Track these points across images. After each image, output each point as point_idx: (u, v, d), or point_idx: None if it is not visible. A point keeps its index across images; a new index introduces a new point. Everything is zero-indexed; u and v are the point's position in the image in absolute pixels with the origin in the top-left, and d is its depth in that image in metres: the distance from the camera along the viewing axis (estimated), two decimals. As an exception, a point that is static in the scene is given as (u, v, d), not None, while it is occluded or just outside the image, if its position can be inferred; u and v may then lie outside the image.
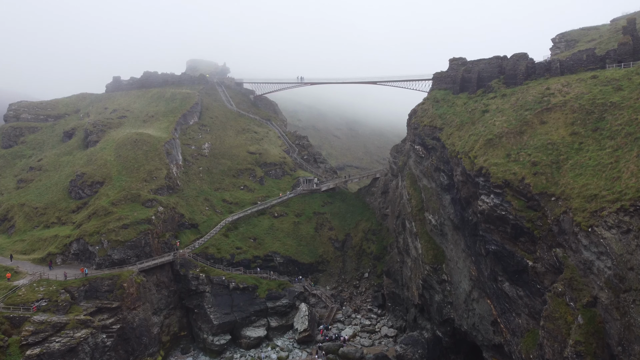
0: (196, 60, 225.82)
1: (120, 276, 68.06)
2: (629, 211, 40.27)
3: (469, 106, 75.82)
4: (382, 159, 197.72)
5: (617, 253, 40.44)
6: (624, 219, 40.50)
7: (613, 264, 40.84)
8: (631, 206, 40.27)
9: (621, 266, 40.00)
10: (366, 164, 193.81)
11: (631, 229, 39.77)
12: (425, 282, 73.25)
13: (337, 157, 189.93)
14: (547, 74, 70.42)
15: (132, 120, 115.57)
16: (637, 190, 40.77)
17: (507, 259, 56.07)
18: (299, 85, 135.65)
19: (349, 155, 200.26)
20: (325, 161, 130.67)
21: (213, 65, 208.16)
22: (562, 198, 49.27)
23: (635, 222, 39.64)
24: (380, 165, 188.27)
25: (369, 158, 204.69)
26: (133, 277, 69.18)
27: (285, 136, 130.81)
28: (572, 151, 53.80)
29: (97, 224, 75.46)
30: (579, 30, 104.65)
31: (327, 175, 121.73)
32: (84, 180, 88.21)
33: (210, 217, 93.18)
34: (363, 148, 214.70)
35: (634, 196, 40.66)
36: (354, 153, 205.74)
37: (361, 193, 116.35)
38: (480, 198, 58.67)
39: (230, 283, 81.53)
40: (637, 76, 57.61)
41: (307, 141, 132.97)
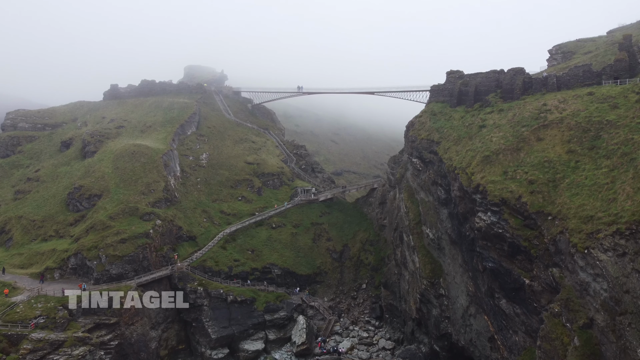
0: (194, 66, 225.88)
1: (118, 291, 68.01)
2: (625, 234, 40.58)
3: (466, 120, 76.18)
4: (380, 164, 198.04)
5: (613, 276, 40.75)
6: (619, 242, 40.82)
7: (609, 286, 41.14)
8: (627, 229, 40.57)
9: (617, 289, 40.30)
10: (364, 169, 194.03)
11: (627, 252, 40.11)
12: (423, 297, 73.45)
13: (335, 162, 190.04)
14: (544, 89, 70.84)
15: (129, 130, 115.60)
16: (633, 214, 41.07)
17: (504, 276, 56.35)
18: (298, 94, 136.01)
19: (346, 161, 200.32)
20: (323, 171, 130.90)
21: (211, 72, 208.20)
22: (558, 218, 49.57)
23: (631, 245, 39.98)
24: (378, 171, 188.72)
25: (367, 163, 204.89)
26: (131, 292, 69.11)
27: (283, 145, 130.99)
28: (569, 170, 54.09)
29: (95, 238, 75.47)
30: (575, 41, 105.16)
31: (324, 184, 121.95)
32: (81, 193, 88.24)
33: (208, 229, 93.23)
34: (361, 153, 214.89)
35: (629, 219, 40.95)
36: (351, 158, 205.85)
37: (359, 203, 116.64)
38: (478, 215, 58.96)
39: (228, 296, 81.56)
40: (633, 94, 57.99)
41: (304, 150, 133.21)
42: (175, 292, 77.57)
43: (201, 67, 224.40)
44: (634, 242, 39.79)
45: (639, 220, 40.09)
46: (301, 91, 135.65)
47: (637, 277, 38.90)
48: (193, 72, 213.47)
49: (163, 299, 76.41)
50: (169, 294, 76.72)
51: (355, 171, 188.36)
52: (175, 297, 76.75)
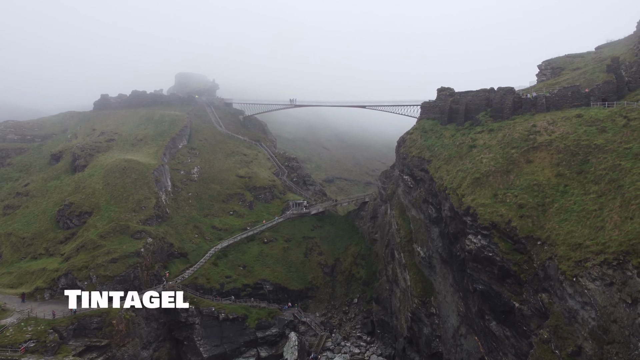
0: (185, 74, 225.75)
1: (109, 313, 67.73)
2: (612, 265, 41.17)
3: (456, 139, 76.78)
4: (372, 170, 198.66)
5: (601, 305, 41.35)
6: (607, 272, 41.42)
7: (597, 315, 41.72)
8: (614, 260, 41.17)
9: (605, 318, 40.90)
10: (355, 175, 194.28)
11: (614, 282, 40.72)
12: (414, 315, 73.79)
13: (327, 169, 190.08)
14: (533, 110, 71.60)
15: (120, 143, 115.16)
16: (620, 244, 41.68)
17: (494, 298, 56.85)
18: (289, 107, 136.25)
19: (338, 168, 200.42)
20: (314, 183, 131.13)
21: (202, 81, 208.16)
22: (547, 243, 50.14)
23: (618, 275, 40.59)
24: (369, 177, 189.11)
25: (358, 170, 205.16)
26: (122, 313, 68.86)
27: (274, 157, 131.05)
28: (558, 194, 54.73)
29: (85, 258, 75.03)
30: (564, 57, 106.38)
31: (316, 197, 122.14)
32: (72, 210, 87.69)
33: (199, 245, 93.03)
34: (352, 160, 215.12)
35: (617, 250, 41.55)
36: (343, 165, 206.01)
37: (350, 216, 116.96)
38: (468, 237, 59.45)
39: (220, 314, 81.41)
40: (621, 118, 58.88)
41: (296, 163, 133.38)
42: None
43: (192, 75, 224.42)
44: (621, 273, 40.40)
45: (626, 251, 40.68)
46: (293, 104, 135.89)
47: (624, 307, 39.51)
48: (184, 80, 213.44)
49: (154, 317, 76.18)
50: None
51: (346, 178, 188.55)
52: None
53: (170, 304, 75.03)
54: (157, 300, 73.98)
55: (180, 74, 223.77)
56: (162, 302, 74.47)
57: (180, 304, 75.90)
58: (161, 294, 75.33)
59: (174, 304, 75.15)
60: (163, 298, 74.61)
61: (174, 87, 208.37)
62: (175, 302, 75.21)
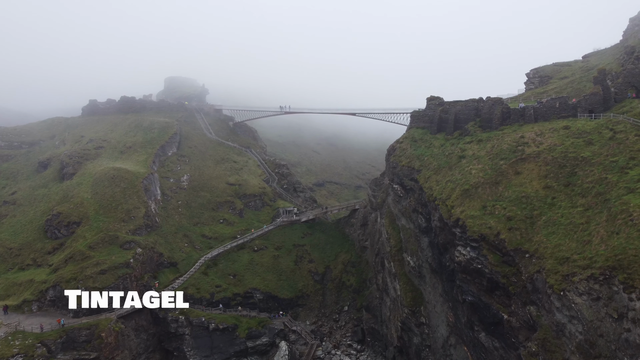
0: (174, 78, 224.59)
1: (98, 325, 67.29)
2: (599, 280, 41.75)
3: (446, 149, 77.31)
4: (362, 174, 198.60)
5: (588, 319, 41.91)
6: (594, 286, 41.99)
7: (584, 329, 42.28)
8: (601, 275, 41.76)
9: (592, 332, 41.46)
10: (346, 179, 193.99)
11: (601, 297, 41.30)
12: (404, 325, 74.12)
13: (317, 173, 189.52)
14: (522, 120, 72.29)
15: (109, 151, 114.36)
16: (607, 259, 42.26)
17: (483, 310, 57.31)
18: (279, 114, 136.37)
19: (328, 171, 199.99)
20: (305, 190, 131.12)
21: (192, 85, 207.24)
22: (535, 256, 50.69)
23: (605, 290, 41.17)
24: (360, 181, 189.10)
25: (349, 173, 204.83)
26: (111, 326, 68.43)
27: (264, 164, 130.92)
28: (545, 206, 55.33)
29: (74, 269, 74.44)
30: (552, 65, 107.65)
31: (306, 204, 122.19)
32: (60, 220, 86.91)
33: (189, 254, 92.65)
34: (343, 163, 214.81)
35: (603, 265, 42.14)
36: (333, 169, 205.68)
37: (341, 224, 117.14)
38: (457, 249, 59.87)
39: (210, 324, 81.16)
40: (607, 131, 59.73)
41: (286, 169, 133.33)
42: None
43: (182, 79, 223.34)
44: (608, 288, 40.98)
45: (612, 266, 41.27)
46: (283, 111, 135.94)
47: (611, 321, 40.09)
48: (174, 84, 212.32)
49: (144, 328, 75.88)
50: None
51: (337, 182, 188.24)
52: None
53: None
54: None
55: (170, 78, 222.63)
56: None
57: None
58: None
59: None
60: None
61: (163, 92, 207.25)
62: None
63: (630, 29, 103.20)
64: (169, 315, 78.80)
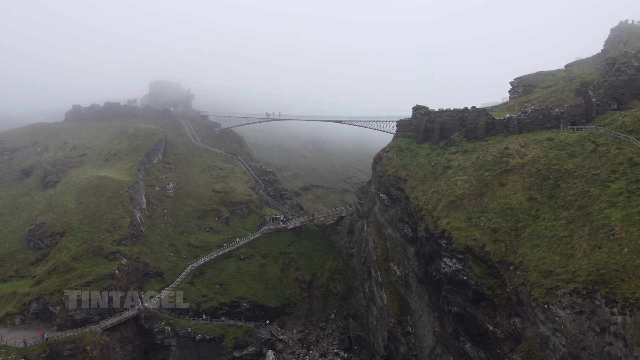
0: (159, 82, 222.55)
1: (82, 338, 66.43)
2: (582, 294, 42.53)
3: (432, 159, 77.97)
4: (348, 177, 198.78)
5: (571, 332, 42.66)
6: (577, 300, 42.76)
7: (567, 342, 43.02)
8: (583, 289, 42.53)
9: (575, 345, 42.21)
10: (332, 183, 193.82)
11: (583, 311, 42.08)
12: (391, 334, 74.46)
13: (304, 177, 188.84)
14: (506, 131, 73.18)
15: (93, 158, 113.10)
16: (589, 274, 43.05)
17: (469, 321, 57.92)
18: (266, 120, 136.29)
19: (315, 175, 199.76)
20: (291, 197, 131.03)
21: (177, 90, 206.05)
22: (520, 268, 51.41)
23: (587, 304, 41.95)
24: (346, 184, 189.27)
25: (335, 177, 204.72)
26: (96, 339, 67.56)
27: (251, 171, 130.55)
28: (530, 218, 56.13)
29: (57, 281, 73.46)
30: (535, 74, 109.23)
31: (293, 211, 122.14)
32: (43, 230, 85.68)
33: (175, 263, 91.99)
34: (329, 167, 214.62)
35: (586, 279, 42.93)
36: (320, 172, 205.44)
37: (327, 231, 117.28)
38: (444, 260, 60.42)
39: (197, 334, 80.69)
40: (589, 143, 60.78)
41: (273, 176, 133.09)
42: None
43: (167, 83, 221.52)
44: (590, 302, 41.77)
45: (594, 281, 42.07)
46: (270, 118, 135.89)
47: (593, 335, 40.85)
48: (159, 89, 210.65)
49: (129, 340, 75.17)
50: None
51: (323, 185, 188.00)
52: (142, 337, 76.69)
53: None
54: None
55: (155, 82, 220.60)
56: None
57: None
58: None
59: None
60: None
61: (148, 96, 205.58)
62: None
63: (611, 39, 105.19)
64: (155, 327, 78.20)
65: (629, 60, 75.04)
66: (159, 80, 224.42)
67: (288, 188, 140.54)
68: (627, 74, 71.70)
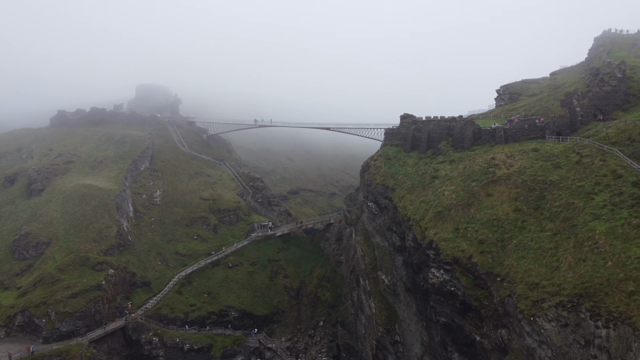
0: (146, 85, 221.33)
1: (69, 352, 65.88)
2: (567, 307, 43.11)
3: (419, 168, 78.51)
4: (336, 181, 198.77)
5: (557, 345, 43.21)
6: (562, 313, 43.33)
7: (553, 354, 43.56)
8: (569, 302, 43.13)
9: (560, 357, 42.75)
10: (320, 187, 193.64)
11: (569, 324, 42.65)
12: (379, 343, 74.79)
13: (291, 180, 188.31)
14: (493, 141, 73.87)
15: (79, 166, 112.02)
16: (574, 287, 43.68)
17: (457, 331, 58.38)
18: (253, 127, 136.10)
19: (303, 179, 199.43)
20: (279, 204, 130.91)
21: (164, 94, 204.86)
22: (507, 280, 51.95)
23: (572, 317, 42.54)
24: (334, 188, 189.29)
25: (323, 181, 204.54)
26: (83, 351, 67.06)
27: (239, 177, 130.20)
28: (516, 229, 56.76)
29: (43, 293, 72.67)
30: (521, 82, 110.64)
31: (281, 218, 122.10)
32: (28, 240, 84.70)
33: (163, 272, 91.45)
34: (317, 170, 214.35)
35: (571, 292, 43.54)
36: (308, 176, 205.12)
37: (316, 238, 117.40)
38: (431, 271, 60.85)
39: (185, 345, 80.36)
40: (574, 154, 61.69)
41: (261, 182, 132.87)
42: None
43: (154, 87, 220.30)
44: (575, 315, 42.36)
45: (579, 294, 42.69)
46: (257, 124, 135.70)
47: (578, 347, 41.43)
48: (145, 93, 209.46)
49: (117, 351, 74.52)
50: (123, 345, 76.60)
51: (311, 189, 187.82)
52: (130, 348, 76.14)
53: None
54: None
55: (142, 86, 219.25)
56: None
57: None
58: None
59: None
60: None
61: (135, 100, 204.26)
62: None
63: (595, 48, 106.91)
64: (143, 337, 77.73)
65: (612, 71, 76.19)
66: (145, 84, 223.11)
67: (276, 193, 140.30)
68: (611, 85, 72.86)
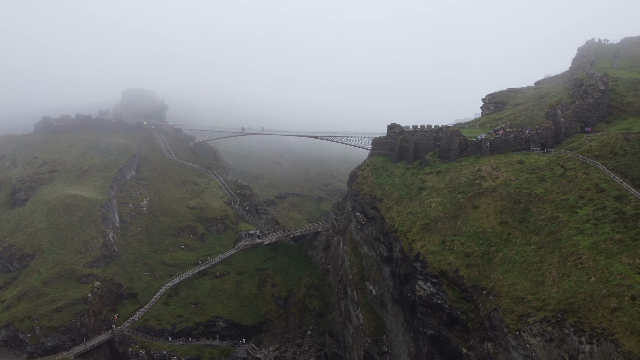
0: (132, 90, 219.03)
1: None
2: (552, 322, 43.78)
3: (406, 179, 79.01)
4: (324, 185, 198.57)
5: (542, 359, 43.77)
6: (547, 328, 43.97)
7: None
8: (553, 317, 43.81)
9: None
10: (308, 191, 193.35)
11: (553, 339, 43.29)
12: (367, 354, 74.95)
13: (279, 185, 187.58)
14: (479, 152, 74.68)
15: (64, 175, 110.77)
16: (559, 302, 44.38)
17: (444, 343, 58.86)
18: (240, 134, 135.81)
19: (290, 183, 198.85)
20: (267, 212, 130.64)
21: (151, 100, 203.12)
22: (492, 293, 52.52)
23: (557, 332, 43.20)
24: (322, 192, 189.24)
25: (311, 185, 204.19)
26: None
27: (226, 185, 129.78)
28: (502, 242, 57.44)
29: (28, 307, 71.72)
30: (506, 91, 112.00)
31: (269, 226, 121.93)
32: (12, 252, 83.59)
33: (149, 283, 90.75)
34: (305, 174, 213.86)
35: (555, 307, 44.22)
36: (295, 180, 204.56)
37: (303, 246, 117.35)
38: (418, 283, 61.29)
39: (172, 356, 79.74)
40: (558, 167, 62.65)
41: (249, 190, 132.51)
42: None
43: (140, 92, 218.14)
44: (560, 330, 43.02)
45: (564, 309, 43.39)
46: (245, 132, 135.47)
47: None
48: (132, 98, 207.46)
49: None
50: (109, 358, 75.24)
51: (299, 193, 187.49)
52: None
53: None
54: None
55: (127, 91, 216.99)
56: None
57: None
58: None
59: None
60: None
61: (121, 105, 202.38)
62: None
63: (578, 59, 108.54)
64: (129, 350, 77.02)
65: (595, 83, 77.51)
66: (132, 89, 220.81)
67: (264, 198, 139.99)
68: (594, 98, 74.10)
